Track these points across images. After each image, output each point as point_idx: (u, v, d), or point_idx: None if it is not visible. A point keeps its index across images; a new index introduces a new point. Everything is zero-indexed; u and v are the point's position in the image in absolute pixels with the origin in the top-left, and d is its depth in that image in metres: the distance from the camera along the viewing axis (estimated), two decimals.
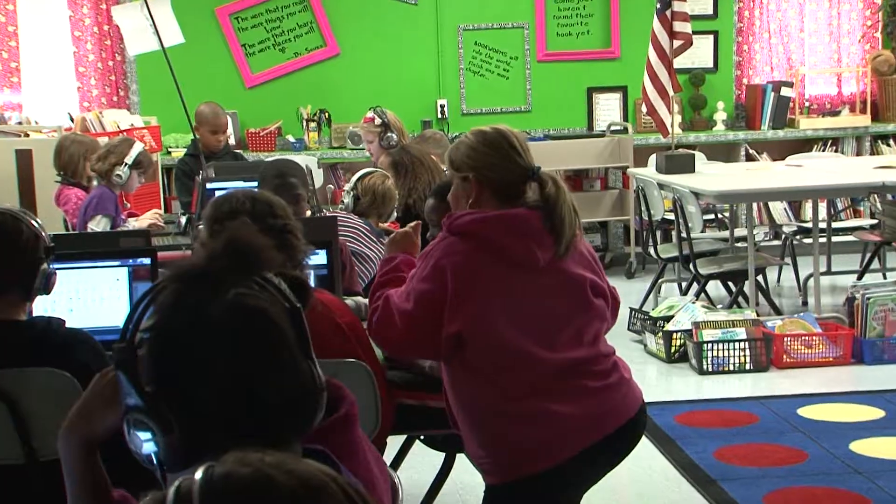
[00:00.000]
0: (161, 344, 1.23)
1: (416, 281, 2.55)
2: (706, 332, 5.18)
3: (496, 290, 2.48)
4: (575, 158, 7.27)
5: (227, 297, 1.22)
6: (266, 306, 1.23)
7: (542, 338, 2.49)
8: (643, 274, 7.24)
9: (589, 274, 2.59)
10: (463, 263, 2.49)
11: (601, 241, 7.71)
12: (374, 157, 5.36)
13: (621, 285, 6.89)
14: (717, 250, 6.30)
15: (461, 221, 2.53)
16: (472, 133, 2.63)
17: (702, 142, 7.65)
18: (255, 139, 7.36)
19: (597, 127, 7.80)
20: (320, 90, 7.53)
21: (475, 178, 2.57)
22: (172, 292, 1.24)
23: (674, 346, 5.31)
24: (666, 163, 6.23)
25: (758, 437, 4.26)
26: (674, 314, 5.47)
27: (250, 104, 7.48)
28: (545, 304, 2.51)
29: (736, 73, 7.98)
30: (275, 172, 3.68)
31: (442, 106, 7.61)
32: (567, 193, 2.57)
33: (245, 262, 1.25)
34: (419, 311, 2.49)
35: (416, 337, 2.51)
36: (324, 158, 7.27)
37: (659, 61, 6.26)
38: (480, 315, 2.47)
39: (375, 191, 4.17)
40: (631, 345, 5.63)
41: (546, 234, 2.52)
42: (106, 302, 2.91)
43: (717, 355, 5.13)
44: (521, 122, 7.67)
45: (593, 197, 7.55)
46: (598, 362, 2.55)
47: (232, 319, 1.21)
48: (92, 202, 4.83)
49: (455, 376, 2.56)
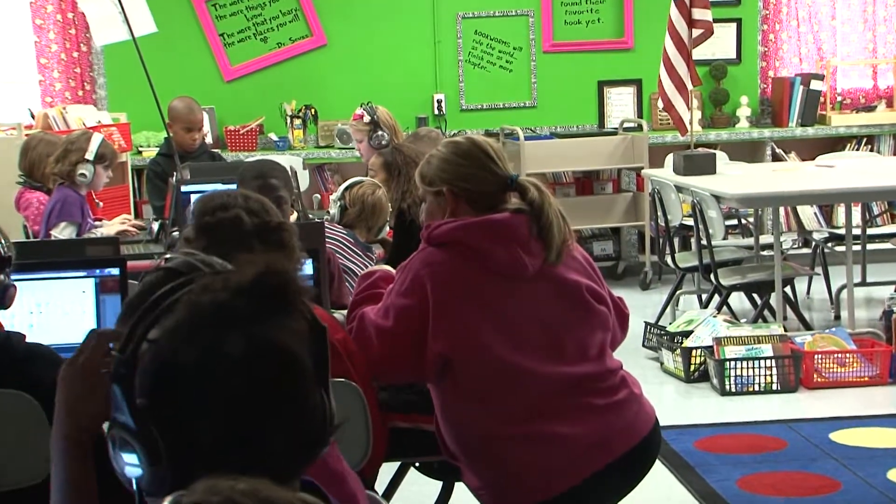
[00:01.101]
0: (164, 371, 1.24)
1: (394, 295, 2.57)
2: (729, 349, 5.19)
3: (483, 302, 2.51)
4: (584, 158, 7.28)
5: (248, 333, 1.23)
6: (288, 344, 1.25)
7: (541, 352, 2.51)
8: (659, 285, 7.24)
9: (584, 279, 2.61)
10: (444, 274, 2.51)
11: (613, 248, 7.71)
12: (364, 157, 5.37)
13: (635, 297, 6.89)
14: (741, 259, 6.31)
15: (441, 230, 2.57)
16: (444, 145, 2.68)
17: (723, 140, 7.66)
18: (234, 137, 7.36)
19: (608, 124, 7.81)
20: (306, 84, 7.54)
21: (449, 190, 2.61)
22: (188, 319, 1.25)
23: (693, 365, 5.31)
24: (684, 163, 6.24)
25: (786, 464, 4.26)
26: (693, 329, 5.48)
27: (229, 99, 7.48)
28: (540, 314, 2.53)
29: (761, 64, 8.00)
30: (254, 173, 3.68)
31: (439, 101, 7.62)
32: (552, 198, 2.61)
33: (275, 303, 1.26)
34: (399, 327, 2.52)
35: (397, 356, 2.53)
36: (310, 159, 7.28)
37: (676, 52, 6.27)
38: (467, 330, 2.49)
39: (365, 202, 4.18)
40: (646, 363, 5.63)
41: (534, 239, 2.55)
42: (70, 316, 2.91)
43: (740, 374, 5.14)
44: (526, 118, 7.69)
45: (604, 201, 7.56)
46: (604, 378, 2.56)
47: (248, 359, 1.23)
48: (55, 207, 4.81)
49: (445, 400, 2.57)
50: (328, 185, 7.43)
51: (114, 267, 2.93)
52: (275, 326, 1.25)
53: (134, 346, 1.27)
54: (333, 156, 7.36)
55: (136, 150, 7.19)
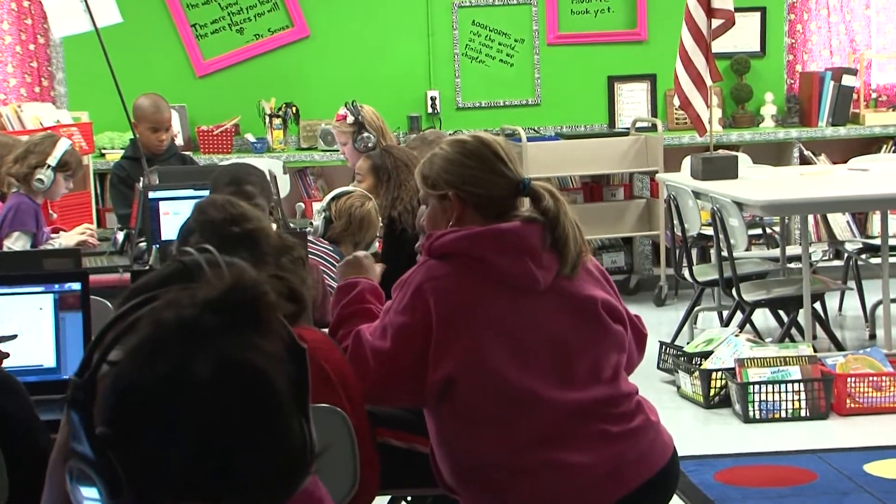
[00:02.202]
0: (126, 394, 1.24)
1: (392, 313, 2.56)
2: (752, 372, 5.19)
3: (490, 319, 2.51)
4: (593, 162, 7.28)
5: (217, 352, 1.23)
6: (262, 364, 1.25)
7: (551, 374, 2.52)
8: (676, 301, 7.24)
9: (601, 293, 2.61)
10: (448, 289, 2.52)
11: (625, 261, 7.72)
12: (349, 161, 5.38)
13: (650, 314, 6.88)
14: (766, 272, 6.32)
15: (443, 240, 2.56)
16: (449, 144, 2.68)
17: (746, 141, 7.68)
18: (207, 139, 7.37)
19: (619, 124, 7.82)
20: (286, 80, 7.54)
21: (455, 195, 2.61)
22: (152, 338, 1.25)
23: (713, 389, 5.32)
24: (703, 167, 6.25)
25: (816, 498, 4.26)
26: (713, 350, 5.47)
27: (201, 96, 7.49)
28: (551, 332, 2.54)
29: (788, 58, 8.01)
30: (228, 179, 3.68)
31: (433, 98, 7.62)
32: (567, 206, 2.62)
33: (246, 319, 1.26)
34: (398, 348, 2.52)
35: (395, 380, 2.54)
36: (291, 162, 7.28)
37: (694, 45, 6.28)
38: (472, 350, 2.50)
39: (352, 214, 4.18)
40: (661, 386, 5.64)
41: (547, 251, 2.55)
42: (27, 336, 2.91)
43: (765, 399, 5.14)
44: (528, 117, 7.70)
45: (615, 208, 7.57)
46: (619, 403, 2.57)
47: (217, 382, 1.23)
48: (7, 215, 4.79)
49: (443, 426, 2.57)
50: (311, 192, 7.44)
51: (74, 281, 2.92)
52: (246, 345, 1.25)
53: (93, 369, 1.27)
54: (317, 159, 7.37)
55: (99, 153, 7.20)
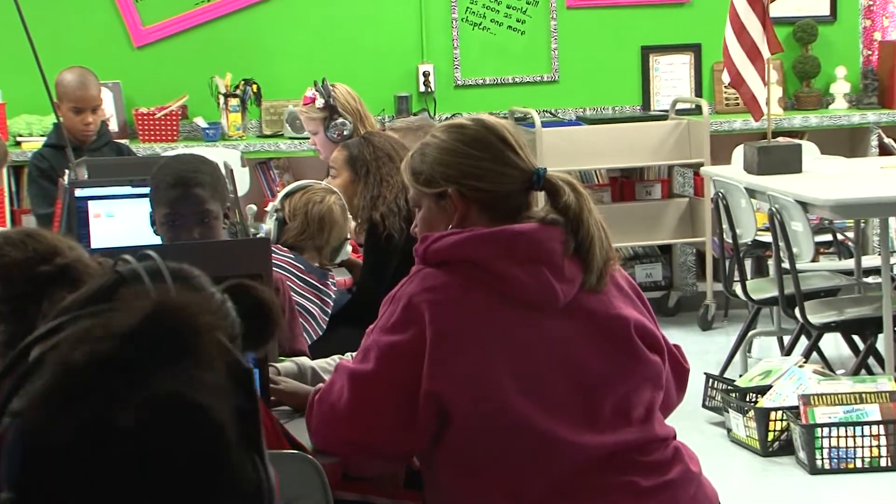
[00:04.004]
0: (35, 453, 1.23)
1: (378, 331, 2.58)
2: (821, 411, 5.18)
3: (498, 343, 2.52)
4: (623, 152, 7.27)
5: (142, 393, 1.23)
6: (200, 399, 1.24)
7: (570, 411, 2.53)
8: (725, 323, 7.24)
9: (633, 313, 2.62)
10: (447, 302, 2.53)
11: (663, 274, 7.72)
12: (321, 154, 5.37)
13: (693, 340, 6.88)
14: (837, 289, 6.31)
15: (442, 244, 2.57)
16: (444, 131, 2.68)
17: (812, 126, 7.67)
18: (147, 124, 7.35)
19: (656, 105, 7.82)
20: (245, 52, 7.54)
21: (456, 192, 2.62)
22: (61, 383, 1.24)
23: (772, 432, 5.31)
24: (759, 158, 6.24)
25: None
26: (772, 384, 5.46)
27: (140, 71, 7.49)
28: (571, 360, 2.54)
29: (864, 23, 8.01)
30: (173, 177, 3.60)
31: (426, 74, 7.62)
32: (592, 202, 2.62)
33: (176, 346, 1.25)
34: (383, 372, 2.52)
35: (377, 415, 2.52)
36: (251, 153, 7.28)
37: (748, 8, 6.28)
38: (475, 379, 2.50)
39: (308, 213, 4.17)
40: (707, 429, 5.62)
41: (568, 259, 2.56)
42: None
43: (837, 445, 5.13)
44: (544, 97, 7.70)
45: (651, 209, 7.57)
46: (652, 449, 2.57)
47: (147, 427, 1.22)
48: None
49: (440, 476, 2.57)
50: (276, 189, 7.40)
51: None
52: (178, 380, 1.24)
53: None
54: (283, 148, 7.36)
55: (14, 141, 7.18)
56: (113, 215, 4.36)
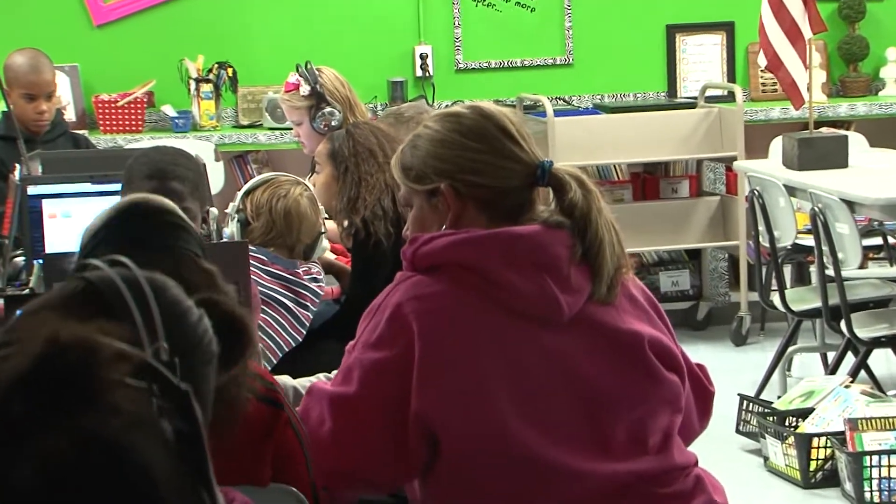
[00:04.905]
0: None
1: (359, 348, 2.59)
2: (870, 438, 5.17)
3: (495, 360, 2.51)
4: (646, 144, 7.29)
5: (38, 449, 1.20)
6: (112, 436, 1.22)
7: (578, 438, 2.52)
8: (761, 338, 7.29)
9: (648, 328, 2.62)
10: (438, 312, 2.52)
11: (691, 282, 7.75)
12: (306, 148, 5.36)
13: (726, 357, 6.90)
14: (888, 299, 6.31)
15: (433, 246, 2.58)
16: (437, 120, 2.69)
17: (860, 115, 7.70)
18: (108, 112, 7.38)
19: (683, 92, 7.86)
20: (219, 31, 7.56)
21: (450, 188, 2.62)
22: None
23: (815, 461, 5.31)
24: (800, 151, 6.26)
25: None
26: (814, 406, 5.47)
27: (100, 54, 7.52)
28: (578, 380, 2.54)
29: None
30: (149, 168, 3.66)
31: (423, 56, 7.65)
32: (602, 201, 2.62)
33: (75, 390, 1.24)
34: (366, 393, 2.52)
35: (362, 440, 2.52)
36: (225, 145, 7.31)
37: None
38: (470, 400, 2.50)
39: (272, 210, 4.18)
40: (742, 457, 5.64)
41: (575, 266, 2.55)
42: None
43: (888, 476, 5.11)
44: (557, 82, 7.73)
45: (678, 209, 7.59)
46: (670, 480, 2.58)
47: (50, 485, 1.20)
48: None
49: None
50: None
51: None
52: (81, 426, 1.22)
53: None
54: (262, 140, 7.39)
55: None
56: (70, 216, 4.37)
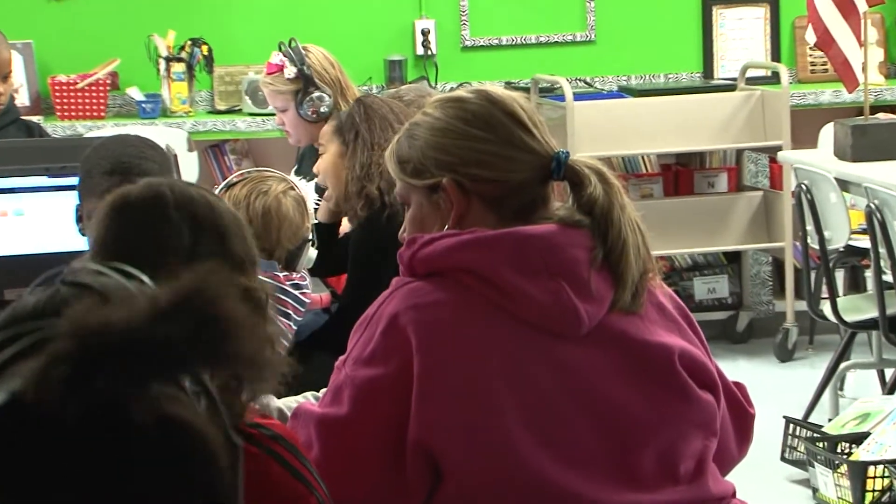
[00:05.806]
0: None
1: (350, 364, 2.62)
2: None
3: (504, 378, 2.55)
4: (679, 133, 7.32)
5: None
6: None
7: (600, 465, 2.56)
8: (810, 353, 7.33)
9: (678, 341, 2.65)
10: (439, 324, 2.55)
11: (730, 289, 7.79)
12: (291, 136, 5.37)
13: (769, 373, 6.93)
14: None
15: (433, 249, 2.61)
16: (438, 107, 2.72)
17: None
18: (66, 95, 7.44)
19: (720, 73, 7.92)
20: (192, 4, 7.62)
21: (453, 183, 2.64)
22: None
23: (871, 492, 5.31)
24: (854, 140, 6.29)
25: None
26: (870, 430, 5.46)
27: (58, 29, 7.59)
28: (599, 400, 2.59)
29: None
30: (111, 162, 3.69)
31: (425, 32, 7.70)
32: (626, 197, 2.65)
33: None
34: (359, 415, 2.56)
35: (354, 467, 2.56)
36: (199, 133, 7.36)
37: None
38: (475, 424, 2.53)
39: (250, 206, 4.21)
40: (787, 487, 5.70)
41: (595, 271, 2.57)
42: None
43: None
44: (577, 63, 7.78)
45: (715, 206, 7.62)
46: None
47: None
48: None
49: None
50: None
51: None
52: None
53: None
54: (241, 128, 7.45)
55: None
56: (23, 213, 4.42)
